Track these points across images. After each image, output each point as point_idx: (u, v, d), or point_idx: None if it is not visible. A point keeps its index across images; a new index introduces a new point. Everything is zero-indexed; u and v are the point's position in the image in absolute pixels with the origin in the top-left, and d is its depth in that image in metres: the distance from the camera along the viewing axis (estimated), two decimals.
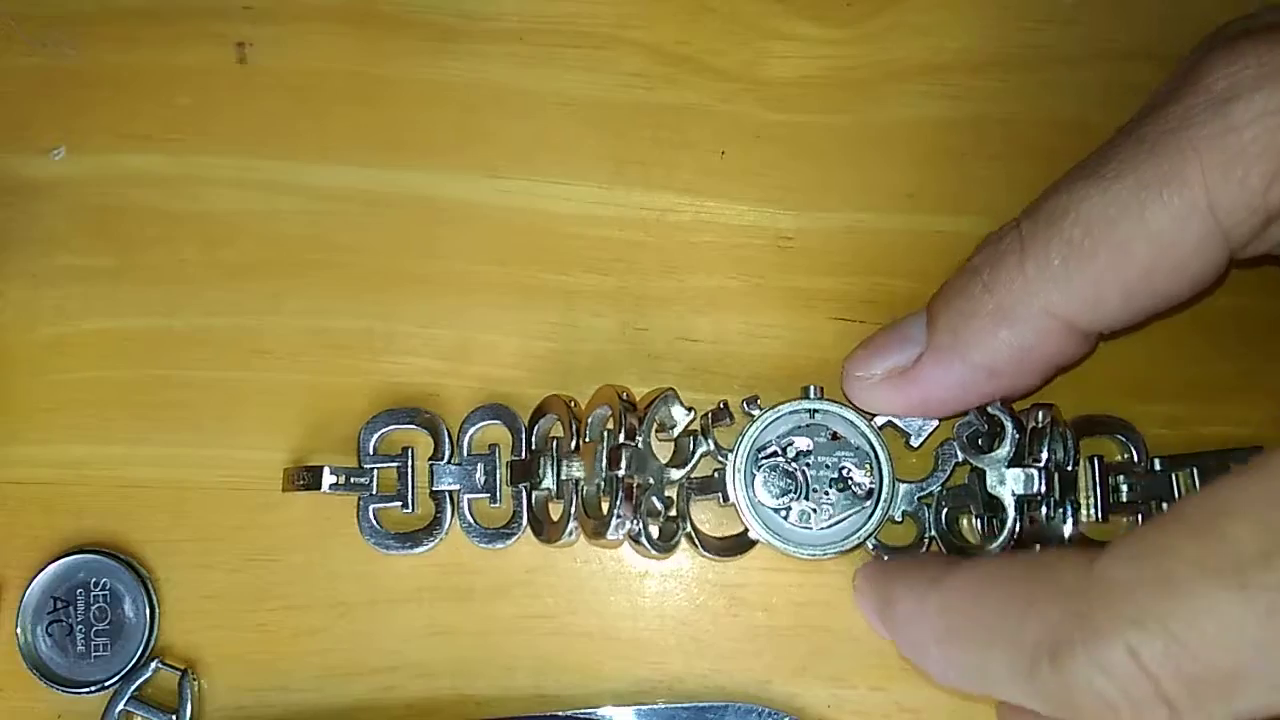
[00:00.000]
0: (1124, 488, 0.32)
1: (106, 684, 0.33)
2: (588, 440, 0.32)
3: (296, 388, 0.34)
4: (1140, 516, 0.32)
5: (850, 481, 0.32)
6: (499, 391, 0.34)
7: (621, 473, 0.30)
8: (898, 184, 0.34)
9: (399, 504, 0.33)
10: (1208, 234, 0.26)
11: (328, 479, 0.32)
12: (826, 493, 0.31)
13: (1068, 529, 0.30)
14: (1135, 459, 0.32)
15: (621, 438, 0.30)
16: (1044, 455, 0.30)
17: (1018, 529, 0.30)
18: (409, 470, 0.33)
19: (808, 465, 0.32)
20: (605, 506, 0.30)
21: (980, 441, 0.31)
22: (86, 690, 0.33)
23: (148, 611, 0.33)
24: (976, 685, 0.26)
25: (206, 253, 0.35)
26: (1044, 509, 0.30)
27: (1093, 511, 0.31)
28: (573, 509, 0.31)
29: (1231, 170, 0.25)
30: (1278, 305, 0.34)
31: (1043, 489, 0.30)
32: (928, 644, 0.27)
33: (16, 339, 0.34)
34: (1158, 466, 0.32)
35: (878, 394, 0.31)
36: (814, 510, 0.31)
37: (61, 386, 0.34)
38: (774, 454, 0.32)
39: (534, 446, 0.33)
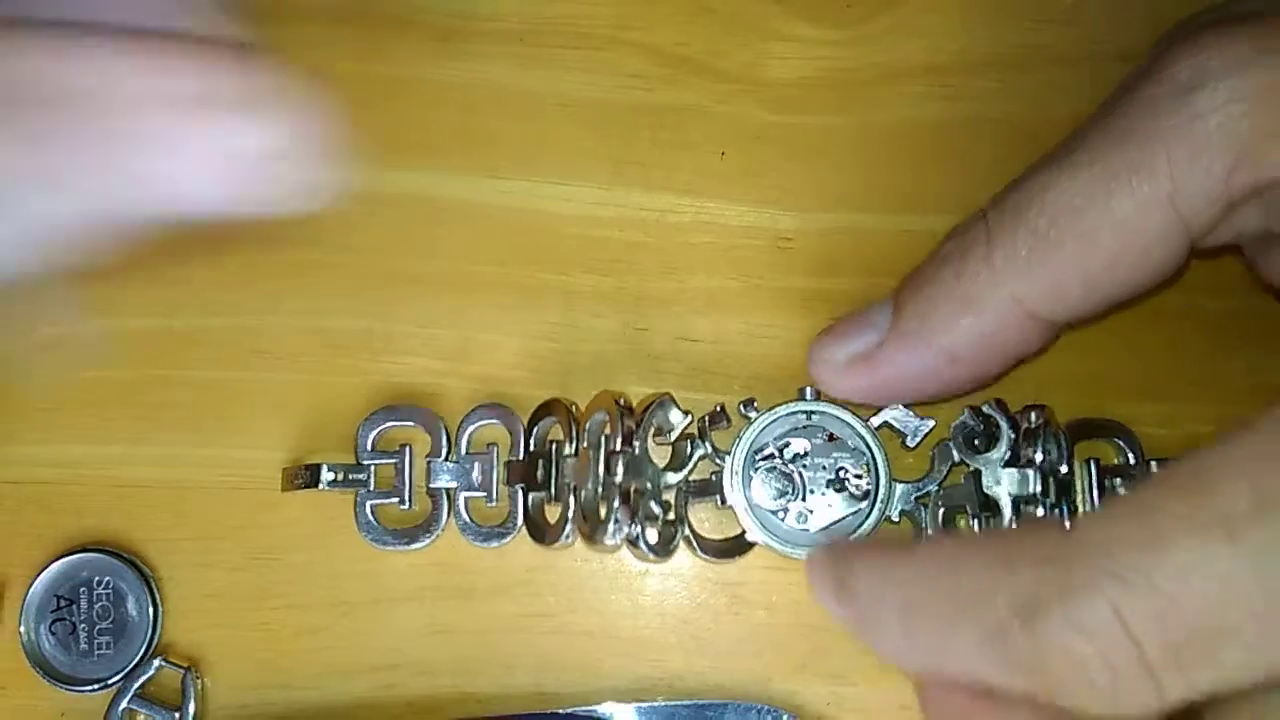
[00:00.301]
0: (1120, 490, 0.32)
1: (110, 682, 0.33)
2: (585, 445, 0.32)
3: (296, 387, 0.34)
4: None
5: (847, 482, 0.32)
6: (499, 392, 0.34)
7: (619, 479, 0.30)
8: (897, 185, 0.34)
9: (396, 500, 0.33)
10: (1169, 223, 0.26)
11: (325, 476, 0.32)
12: (823, 494, 0.31)
13: None
14: (1132, 463, 0.32)
15: (618, 443, 0.30)
16: (1037, 456, 0.30)
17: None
18: (406, 467, 0.33)
19: (804, 466, 0.32)
20: (603, 512, 0.30)
21: (976, 442, 0.31)
22: (90, 688, 0.33)
23: (150, 610, 0.33)
24: (936, 660, 0.23)
25: (207, 253, 0.35)
26: (1040, 510, 0.30)
27: (1089, 512, 0.31)
28: (570, 514, 0.31)
29: (1197, 159, 0.25)
30: (1276, 304, 0.34)
31: (1038, 490, 0.30)
32: (890, 617, 0.24)
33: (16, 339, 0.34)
34: (1154, 469, 0.32)
35: (842, 378, 0.31)
36: (811, 511, 0.31)
37: (61, 386, 0.34)
38: (771, 456, 0.32)
39: (532, 448, 0.33)
